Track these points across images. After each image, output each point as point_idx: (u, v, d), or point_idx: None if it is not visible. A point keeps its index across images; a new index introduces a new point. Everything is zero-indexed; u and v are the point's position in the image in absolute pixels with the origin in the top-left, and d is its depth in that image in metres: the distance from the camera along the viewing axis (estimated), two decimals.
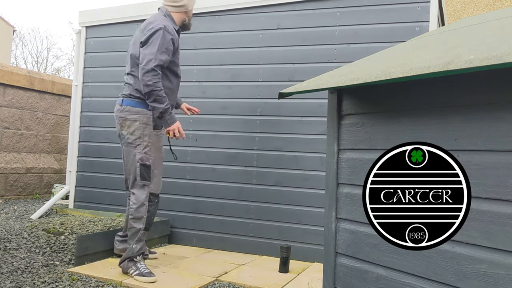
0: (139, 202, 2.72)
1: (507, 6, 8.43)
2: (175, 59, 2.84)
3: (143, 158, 2.73)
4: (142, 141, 2.73)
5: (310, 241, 3.31)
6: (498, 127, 1.20)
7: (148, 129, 2.75)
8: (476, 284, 1.21)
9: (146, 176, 2.73)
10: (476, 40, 1.30)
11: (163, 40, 2.68)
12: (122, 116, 2.77)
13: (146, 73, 2.61)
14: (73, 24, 29.71)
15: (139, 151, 2.73)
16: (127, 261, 2.71)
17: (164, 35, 2.69)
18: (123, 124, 2.77)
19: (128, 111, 2.75)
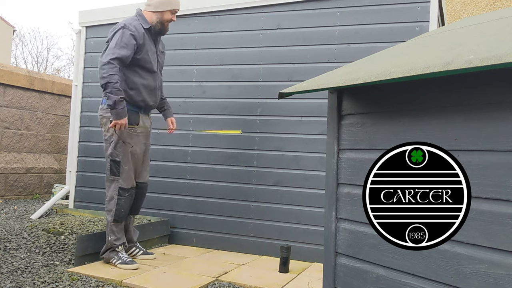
0: (109, 196, 2.89)
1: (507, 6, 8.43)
2: (144, 55, 2.89)
3: (113, 154, 2.85)
4: (114, 137, 2.84)
5: (310, 241, 3.31)
6: (498, 127, 1.20)
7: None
8: (476, 284, 1.21)
9: (116, 171, 2.85)
10: (476, 40, 1.30)
11: (121, 36, 2.78)
12: (100, 114, 2.92)
13: (103, 65, 2.72)
14: (73, 24, 29.74)
15: (110, 147, 2.85)
16: (108, 251, 2.88)
17: (123, 32, 2.80)
18: (101, 122, 2.93)
19: (104, 109, 2.88)
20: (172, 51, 3.95)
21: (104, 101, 2.86)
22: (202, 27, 3.85)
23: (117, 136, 2.82)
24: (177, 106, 3.85)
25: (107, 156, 2.87)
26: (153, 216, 3.82)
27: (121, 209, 2.88)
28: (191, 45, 3.87)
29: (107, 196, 2.90)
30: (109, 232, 2.89)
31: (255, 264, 3.21)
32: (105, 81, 2.69)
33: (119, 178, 2.86)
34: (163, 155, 3.88)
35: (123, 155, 2.86)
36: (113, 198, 2.87)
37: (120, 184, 2.86)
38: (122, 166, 2.85)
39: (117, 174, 2.85)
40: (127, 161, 2.88)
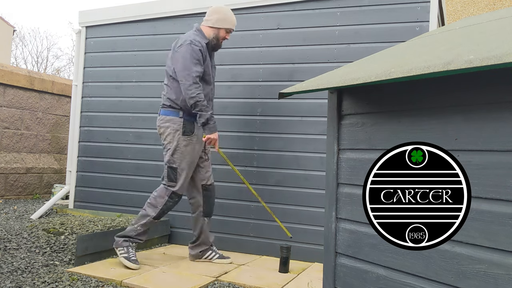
0: (160, 193, 2.97)
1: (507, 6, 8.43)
2: (205, 68, 3.01)
3: (170, 161, 2.97)
4: (171, 146, 2.97)
5: (310, 241, 3.31)
6: (498, 127, 1.20)
7: (177, 135, 2.97)
8: (476, 284, 1.21)
9: (173, 177, 2.97)
10: (476, 40, 1.30)
11: (192, 52, 2.88)
12: (158, 125, 3.05)
13: (189, 87, 2.85)
14: (73, 24, 29.76)
15: (168, 155, 2.98)
16: (123, 239, 2.91)
17: (192, 48, 2.89)
18: (159, 132, 3.05)
19: (162, 120, 3.02)
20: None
21: (161, 112, 3.03)
22: None
23: (175, 144, 2.95)
24: None
25: (164, 162, 2.99)
26: None
27: (165, 210, 2.99)
28: None
29: (156, 193, 2.97)
30: (141, 224, 2.93)
31: (255, 264, 3.21)
32: (194, 101, 2.85)
33: (175, 185, 2.97)
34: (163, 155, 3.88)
35: (180, 162, 2.96)
36: (163, 198, 2.95)
37: (174, 189, 2.97)
38: (179, 172, 2.96)
39: (174, 180, 2.96)
40: (183, 169, 2.98)
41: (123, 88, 4.15)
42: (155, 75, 4.01)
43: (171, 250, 3.54)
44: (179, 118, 2.97)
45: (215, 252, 3.18)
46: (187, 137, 2.99)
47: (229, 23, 3.09)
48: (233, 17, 3.11)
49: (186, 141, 2.98)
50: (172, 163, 2.96)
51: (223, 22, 3.07)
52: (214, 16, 3.07)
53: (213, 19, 3.06)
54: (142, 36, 4.11)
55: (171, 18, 3.97)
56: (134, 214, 3.92)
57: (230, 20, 3.10)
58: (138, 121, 4.04)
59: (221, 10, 3.10)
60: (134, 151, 4.03)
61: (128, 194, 4.02)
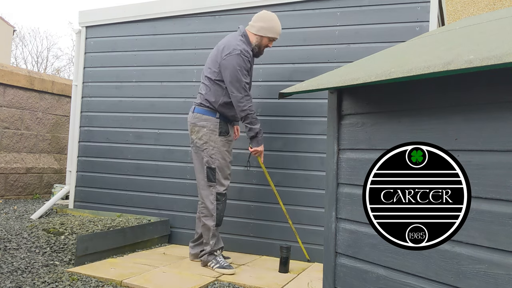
0: (208, 201, 2.99)
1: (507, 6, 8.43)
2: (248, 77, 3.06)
3: (209, 161, 2.98)
4: (208, 145, 2.98)
5: (310, 241, 3.31)
6: (498, 127, 1.20)
7: (214, 135, 2.98)
8: (476, 284, 1.21)
9: (212, 177, 2.98)
10: (476, 40, 1.30)
11: (242, 64, 2.92)
12: (193, 122, 3.03)
13: (241, 99, 2.91)
14: (73, 24, 29.77)
15: (205, 155, 2.98)
16: (207, 255, 2.99)
17: (242, 59, 2.92)
18: (193, 130, 3.03)
19: (197, 118, 3.01)
20: (172, 51, 3.95)
21: (196, 109, 3.03)
22: (202, 27, 3.85)
23: (213, 144, 2.97)
24: (177, 106, 3.85)
25: (203, 163, 2.99)
26: (153, 216, 3.82)
27: (220, 213, 3.01)
28: (191, 45, 3.87)
29: (203, 202, 3.00)
30: (211, 237, 2.98)
31: (255, 264, 3.21)
32: (246, 113, 2.93)
33: (216, 184, 2.98)
34: (163, 155, 3.88)
35: (219, 161, 2.98)
36: (212, 204, 2.97)
37: (217, 190, 2.99)
38: (218, 172, 2.98)
39: (213, 180, 2.97)
40: (222, 168, 3.00)
41: (123, 88, 4.15)
42: (155, 75, 4.01)
43: (171, 250, 3.54)
44: (216, 119, 3.00)
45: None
46: (224, 137, 3.02)
47: (273, 32, 3.07)
48: (278, 26, 3.09)
49: (222, 142, 3.01)
50: (211, 163, 2.97)
51: (267, 31, 3.05)
52: (258, 23, 3.05)
53: (257, 26, 3.05)
54: (142, 36, 4.11)
55: (171, 18, 3.97)
56: (134, 214, 3.93)
57: (275, 29, 3.07)
58: (138, 121, 4.04)
59: (265, 17, 3.07)
60: (134, 151, 4.03)
61: (128, 194, 4.02)
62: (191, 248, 3.21)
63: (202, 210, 3.03)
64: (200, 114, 3.01)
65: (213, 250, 2.98)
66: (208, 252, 2.99)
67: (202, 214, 3.02)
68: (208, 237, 2.99)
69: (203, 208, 3.01)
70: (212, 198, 2.98)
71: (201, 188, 3.03)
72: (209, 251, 2.98)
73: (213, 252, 2.99)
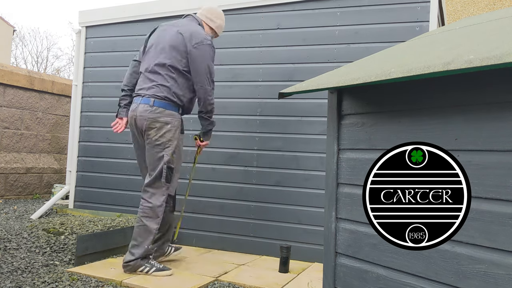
0: (159, 203, 2.75)
1: (507, 6, 8.43)
2: None
3: (170, 161, 2.76)
4: (171, 144, 2.76)
5: (310, 241, 3.31)
6: (498, 127, 1.20)
7: (178, 132, 2.82)
8: (476, 284, 1.21)
9: (170, 178, 2.79)
10: (476, 40, 1.30)
11: (213, 55, 2.83)
12: (152, 117, 2.73)
13: (209, 92, 2.83)
14: (73, 24, 29.78)
15: (167, 154, 2.75)
16: (139, 259, 2.70)
17: (213, 50, 2.84)
18: (152, 125, 2.73)
19: (159, 113, 2.74)
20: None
21: (157, 103, 2.74)
22: None
23: (175, 143, 2.78)
24: None
25: (162, 162, 2.73)
26: None
27: (170, 218, 2.90)
28: None
29: (152, 203, 2.74)
30: (150, 241, 2.73)
31: (255, 264, 3.21)
32: (212, 107, 2.87)
33: (170, 186, 2.82)
34: None
35: (176, 162, 2.84)
36: (162, 206, 2.77)
37: (169, 191, 2.85)
38: (174, 173, 2.83)
39: (169, 181, 2.80)
40: (178, 169, 2.91)
41: None
42: None
43: None
44: (179, 115, 2.83)
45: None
46: (182, 135, 2.90)
47: (220, 31, 3.13)
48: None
49: (181, 141, 2.89)
50: (172, 163, 2.77)
51: (221, 29, 3.11)
52: (219, 21, 3.07)
53: (218, 23, 3.06)
54: (142, 36, 4.10)
55: (171, 18, 3.96)
56: (134, 214, 3.92)
57: (222, 29, 3.13)
58: None
59: (223, 17, 3.11)
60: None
61: (128, 194, 4.02)
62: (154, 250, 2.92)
63: (145, 210, 2.74)
64: (162, 109, 2.74)
65: (148, 254, 2.74)
66: (141, 257, 2.70)
67: (144, 214, 2.73)
68: (146, 240, 2.71)
69: (148, 208, 2.73)
70: (163, 199, 2.77)
71: (152, 187, 2.75)
72: (142, 255, 2.70)
73: (148, 255, 2.75)
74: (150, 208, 2.74)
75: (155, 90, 2.76)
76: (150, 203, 2.74)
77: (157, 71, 2.79)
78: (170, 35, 2.84)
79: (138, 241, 2.71)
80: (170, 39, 2.82)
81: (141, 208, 2.76)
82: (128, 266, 2.70)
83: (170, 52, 2.79)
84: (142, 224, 2.73)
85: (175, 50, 2.78)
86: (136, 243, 2.72)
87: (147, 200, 2.75)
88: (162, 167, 2.74)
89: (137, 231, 2.74)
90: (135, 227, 2.77)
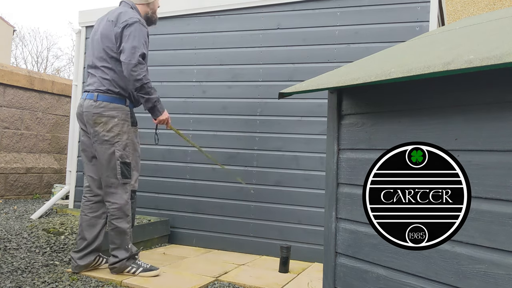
0: (123, 201, 2.67)
1: (507, 6, 8.43)
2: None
3: (123, 156, 2.66)
4: (121, 138, 2.66)
5: (310, 241, 3.31)
6: (498, 127, 1.19)
7: (127, 125, 2.70)
8: (476, 284, 1.21)
9: (127, 173, 2.68)
10: (476, 40, 1.30)
11: (141, 33, 2.64)
12: (97, 112, 2.63)
13: (134, 67, 2.57)
14: (73, 24, 29.78)
15: (118, 149, 2.64)
16: (125, 260, 2.67)
17: (141, 28, 2.66)
18: (98, 121, 2.63)
19: (103, 107, 2.63)
20: (172, 51, 3.95)
21: (100, 97, 2.64)
22: (202, 27, 3.85)
23: (126, 136, 2.67)
24: (177, 106, 3.85)
25: (114, 158, 2.63)
26: (153, 216, 3.82)
27: (134, 212, 2.77)
28: (191, 45, 3.87)
29: (117, 203, 2.65)
30: (128, 240, 2.68)
31: (255, 264, 3.21)
32: (140, 83, 2.59)
33: (131, 181, 2.72)
34: (163, 155, 3.88)
35: (132, 155, 2.72)
36: (127, 203, 2.69)
37: (132, 187, 2.74)
38: (132, 168, 2.72)
39: (129, 177, 2.69)
40: (136, 163, 2.78)
41: None
42: (154, 74, 4.00)
43: (171, 250, 3.54)
44: (126, 107, 2.70)
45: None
46: (135, 128, 2.77)
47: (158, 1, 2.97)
48: None
49: (135, 133, 2.76)
50: (125, 157, 2.66)
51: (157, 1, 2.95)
52: None
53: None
54: None
55: (171, 18, 3.97)
56: None
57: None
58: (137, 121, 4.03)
59: None
60: None
61: None
62: (79, 259, 2.69)
63: (113, 212, 2.65)
64: (106, 103, 2.64)
65: (133, 254, 2.70)
66: (127, 258, 2.67)
67: (114, 217, 2.65)
68: (124, 241, 2.66)
69: (115, 210, 2.64)
70: (127, 196, 2.68)
71: (112, 187, 2.66)
72: (128, 256, 2.67)
73: (134, 255, 2.71)
74: (117, 209, 2.66)
75: (97, 84, 2.69)
76: (115, 204, 2.66)
77: (96, 65, 2.72)
78: (102, 26, 2.77)
79: (116, 243, 2.68)
80: (102, 29, 2.74)
81: (109, 211, 2.69)
82: (114, 268, 2.68)
83: (103, 42, 2.70)
84: (114, 227, 2.67)
85: (107, 38, 2.69)
86: (115, 246, 2.68)
87: (111, 202, 2.67)
88: (115, 164, 2.65)
89: (112, 234, 2.69)
90: (109, 230, 2.71)
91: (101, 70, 2.70)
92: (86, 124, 2.70)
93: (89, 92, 2.71)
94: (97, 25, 2.85)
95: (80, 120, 2.77)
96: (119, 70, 2.66)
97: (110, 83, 2.67)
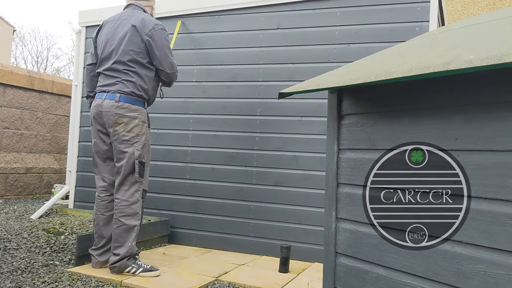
0: (134, 199, 2.71)
1: (507, 6, 8.43)
2: None
3: (141, 155, 2.74)
4: (140, 139, 2.75)
5: (310, 241, 3.31)
6: (498, 127, 1.19)
7: (145, 127, 2.80)
8: (476, 284, 1.21)
9: (142, 173, 2.76)
10: (476, 40, 1.30)
11: (166, 39, 2.84)
12: (119, 112, 2.70)
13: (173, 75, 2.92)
14: (73, 24, 29.77)
15: (137, 149, 2.72)
16: (125, 259, 2.67)
17: (166, 33, 2.85)
18: (119, 121, 2.70)
19: (126, 108, 2.71)
20: (172, 51, 3.94)
21: (123, 98, 2.71)
22: (202, 27, 3.85)
23: (144, 137, 2.77)
24: (177, 106, 3.85)
25: (133, 157, 2.70)
26: (153, 216, 3.82)
27: (143, 212, 2.84)
28: (191, 45, 3.87)
29: (129, 200, 2.70)
30: (133, 239, 2.70)
31: (255, 264, 3.21)
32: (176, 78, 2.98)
33: (143, 180, 2.79)
34: (163, 155, 3.88)
35: (147, 156, 2.82)
36: (139, 201, 2.74)
37: (144, 186, 2.81)
38: (146, 168, 2.81)
39: (143, 176, 2.77)
40: (148, 162, 2.88)
41: None
42: None
43: (171, 250, 3.54)
44: (145, 109, 2.82)
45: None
46: (150, 130, 2.91)
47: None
48: None
49: (149, 135, 2.89)
50: (142, 157, 2.75)
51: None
52: None
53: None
54: None
55: (170, 18, 3.97)
56: None
57: None
58: None
59: None
60: None
61: None
62: (98, 256, 2.80)
63: (123, 210, 2.68)
64: (129, 104, 2.72)
65: (135, 253, 2.71)
66: (127, 256, 2.67)
67: (123, 214, 2.68)
68: (128, 239, 2.68)
69: (125, 207, 2.68)
70: (139, 195, 2.74)
71: (127, 185, 2.71)
72: (129, 254, 2.68)
73: (135, 255, 2.72)
74: (128, 206, 2.69)
75: (120, 85, 2.74)
76: (127, 201, 2.70)
77: (118, 69, 2.76)
78: (122, 29, 2.80)
79: (120, 242, 2.68)
80: (124, 33, 2.77)
81: (118, 208, 2.70)
82: (114, 267, 2.68)
83: (127, 46, 2.75)
84: (122, 224, 2.68)
85: (132, 43, 2.75)
86: (118, 244, 2.68)
87: (123, 199, 2.70)
88: (134, 162, 2.71)
89: (117, 232, 2.69)
90: (114, 228, 2.71)
91: (125, 73, 2.75)
92: (106, 124, 2.75)
93: (109, 92, 2.74)
94: (111, 29, 2.86)
95: (97, 121, 2.80)
96: (144, 73, 2.78)
97: (134, 86, 2.75)
